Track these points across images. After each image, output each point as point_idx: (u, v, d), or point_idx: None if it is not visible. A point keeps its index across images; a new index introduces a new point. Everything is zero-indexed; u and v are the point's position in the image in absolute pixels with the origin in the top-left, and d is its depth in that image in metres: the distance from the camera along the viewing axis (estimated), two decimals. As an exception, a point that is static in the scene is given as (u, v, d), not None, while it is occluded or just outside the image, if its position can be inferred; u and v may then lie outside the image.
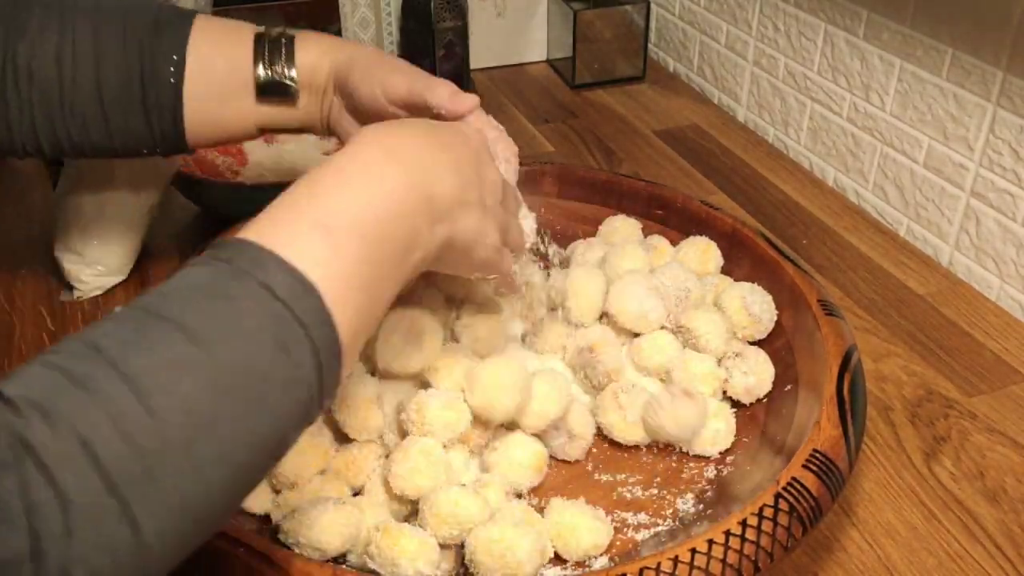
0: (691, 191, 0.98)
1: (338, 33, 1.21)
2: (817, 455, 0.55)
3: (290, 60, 0.64)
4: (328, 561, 0.55)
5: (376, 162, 0.46)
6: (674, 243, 0.80)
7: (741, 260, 0.76)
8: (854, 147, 1.00)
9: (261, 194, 0.76)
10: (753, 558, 0.50)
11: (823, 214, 0.98)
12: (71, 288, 0.84)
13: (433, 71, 1.19)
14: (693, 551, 0.49)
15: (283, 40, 0.64)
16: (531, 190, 0.86)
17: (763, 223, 0.95)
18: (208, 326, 0.37)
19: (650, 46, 1.34)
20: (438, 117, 0.60)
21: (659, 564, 0.49)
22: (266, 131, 0.67)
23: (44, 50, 0.60)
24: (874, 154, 0.97)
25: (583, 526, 0.56)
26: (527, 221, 0.62)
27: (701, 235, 0.78)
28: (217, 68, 0.63)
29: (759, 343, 0.70)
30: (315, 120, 0.67)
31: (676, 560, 0.49)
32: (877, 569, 0.60)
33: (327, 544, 0.54)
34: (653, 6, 1.32)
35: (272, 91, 0.64)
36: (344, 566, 0.55)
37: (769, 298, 0.70)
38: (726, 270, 0.76)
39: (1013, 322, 0.82)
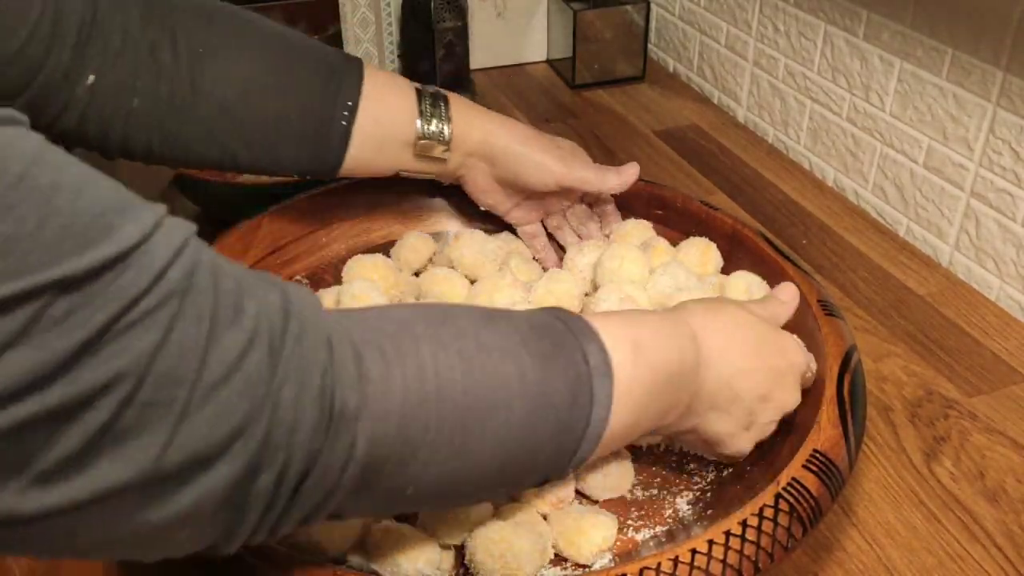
0: (691, 191, 0.98)
1: (338, 33, 1.20)
2: (817, 455, 0.55)
3: (447, 119, 0.70)
4: (328, 561, 0.55)
5: (694, 337, 0.52)
6: (674, 243, 0.80)
7: (741, 260, 0.76)
8: (854, 147, 1.00)
9: (261, 194, 0.77)
10: (753, 558, 0.50)
11: (823, 214, 0.98)
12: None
13: (433, 71, 1.20)
14: (693, 551, 0.49)
15: (440, 99, 0.71)
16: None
17: (763, 223, 0.95)
18: (534, 347, 0.44)
19: (650, 46, 1.34)
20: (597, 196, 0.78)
21: (659, 564, 0.49)
22: (402, 174, 0.73)
23: (233, 75, 0.63)
24: (874, 154, 0.97)
25: (589, 524, 0.56)
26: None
27: (701, 236, 0.78)
28: (384, 119, 0.69)
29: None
30: (449, 174, 0.75)
31: (676, 560, 0.49)
32: (877, 569, 0.60)
33: (327, 544, 0.54)
34: (653, 6, 1.32)
35: (427, 148, 0.71)
36: (344, 566, 0.55)
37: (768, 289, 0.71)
38: (726, 270, 0.76)
39: (1013, 322, 0.82)
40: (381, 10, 1.25)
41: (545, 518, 0.58)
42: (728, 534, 0.50)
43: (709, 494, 0.61)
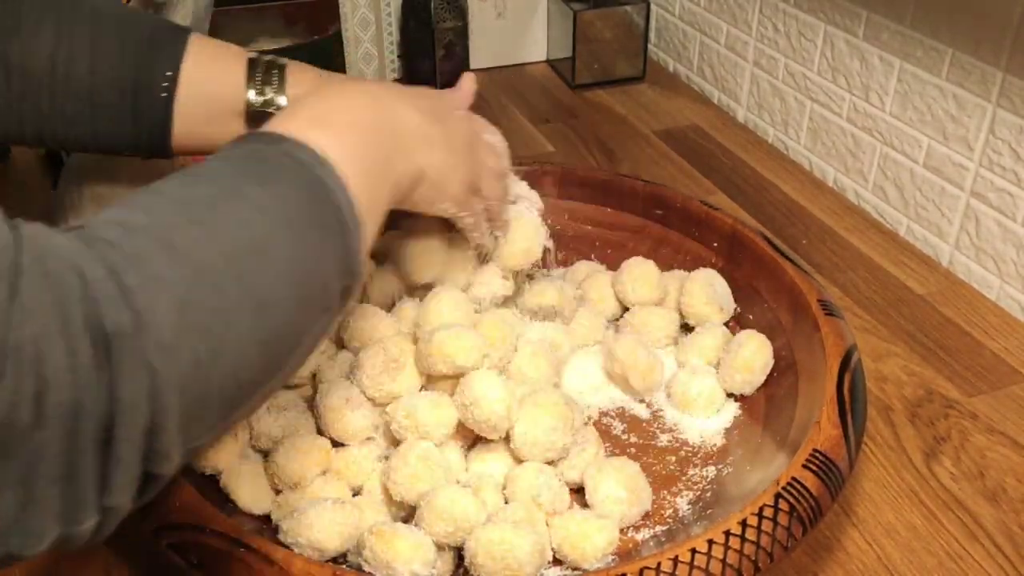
0: (691, 191, 0.98)
1: (338, 33, 1.20)
2: (817, 455, 0.55)
3: (281, 88, 0.66)
4: (328, 561, 0.55)
5: (351, 94, 0.54)
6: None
7: (741, 260, 0.76)
8: (854, 147, 1.00)
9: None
10: (753, 558, 0.50)
11: (823, 214, 0.98)
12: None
13: (433, 71, 1.20)
14: (693, 551, 0.49)
15: (275, 68, 0.66)
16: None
17: (763, 223, 0.95)
18: (252, 173, 0.43)
19: (650, 46, 1.34)
20: None
21: (659, 564, 0.49)
22: None
23: (39, 49, 0.61)
24: (874, 154, 0.97)
25: (592, 528, 0.56)
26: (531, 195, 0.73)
27: (700, 237, 0.79)
28: (209, 88, 0.64)
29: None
30: None
31: (676, 560, 0.49)
32: (877, 569, 0.60)
33: (327, 544, 0.54)
34: (653, 6, 1.32)
35: (261, 117, 0.65)
36: (344, 566, 0.55)
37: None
38: (726, 271, 0.76)
39: (1013, 322, 0.82)
40: (381, 10, 1.25)
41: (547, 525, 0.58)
42: (728, 534, 0.50)
43: (709, 494, 0.61)
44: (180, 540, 0.50)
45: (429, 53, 1.19)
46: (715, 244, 0.78)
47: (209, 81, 0.64)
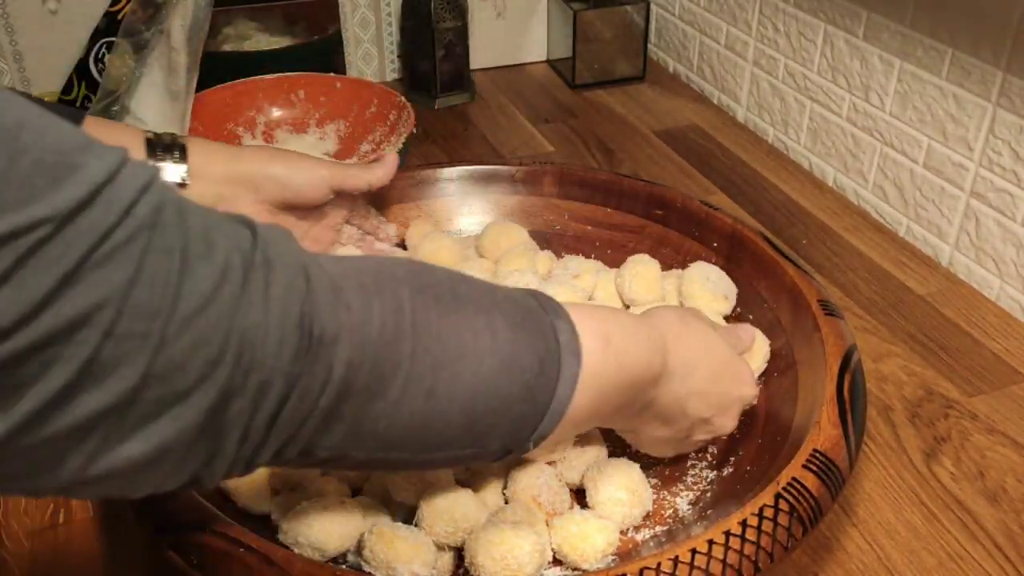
0: (691, 191, 0.98)
1: (338, 33, 1.20)
2: (817, 455, 0.55)
3: (182, 160, 0.67)
4: (328, 561, 0.55)
5: (664, 348, 0.53)
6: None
7: (741, 260, 0.76)
8: (854, 147, 1.00)
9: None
10: (753, 558, 0.50)
11: (823, 214, 0.98)
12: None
13: (433, 71, 1.20)
14: (693, 551, 0.49)
15: (176, 146, 0.67)
16: (531, 190, 0.86)
17: (763, 223, 0.95)
18: (511, 314, 0.45)
19: (650, 46, 1.34)
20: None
21: (659, 564, 0.49)
22: None
23: None
24: (874, 154, 0.97)
25: (592, 529, 0.56)
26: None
27: (700, 237, 0.79)
28: None
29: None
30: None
31: (676, 560, 0.49)
32: (877, 569, 0.60)
33: (326, 544, 0.54)
34: (653, 6, 1.32)
35: None
36: (344, 566, 0.55)
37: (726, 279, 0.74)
38: (726, 271, 0.76)
39: (1013, 322, 0.82)
40: (381, 10, 1.25)
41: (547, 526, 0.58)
42: (728, 534, 0.50)
43: (709, 494, 0.61)
44: (180, 540, 0.50)
45: (429, 53, 1.19)
46: (715, 244, 0.78)
47: None
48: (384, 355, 0.40)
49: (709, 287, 0.73)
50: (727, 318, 0.74)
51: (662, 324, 0.54)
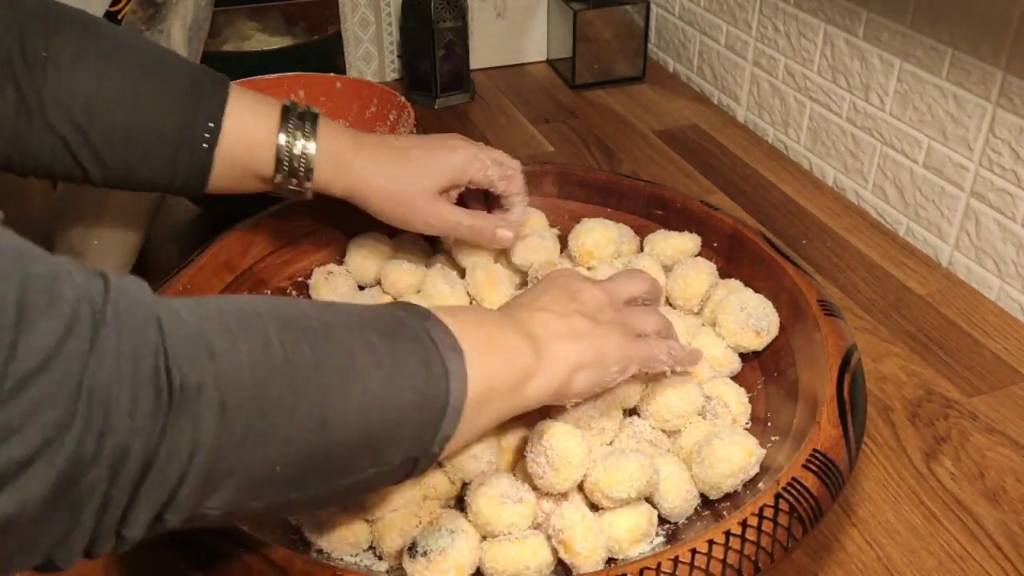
0: (691, 191, 0.98)
1: (338, 33, 1.20)
2: (817, 455, 0.55)
3: (312, 135, 0.67)
4: (328, 561, 0.55)
5: (483, 312, 0.57)
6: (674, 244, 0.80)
7: (741, 260, 0.76)
8: (854, 147, 1.00)
9: (261, 194, 0.76)
10: (753, 558, 0.50)
11: (823, 214, 0.98)
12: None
13: (433, 71, 1.20)
14: (693, 551, 0.49)
15: (308, 117, 0.67)
16: (531, 190, 0.86)
17: (763, 223, 0.95)
18: (384, 329, 0.45)
19: (650, 46, 1.34)
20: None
21: (659, 564, 0.49)
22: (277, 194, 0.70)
23: (76, 87, 0.60)
24: (874, 154, 0.97)
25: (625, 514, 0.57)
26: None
27: (701, 235, 0.79)
28: (246, 138, 0.65)
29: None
30: (325, 190, 0.70)
31: (676, 560, 0.49)
32: (877, 569, 0.60)
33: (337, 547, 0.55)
34: (653, 6, 1.32)
35: (292, 166, 0.67)
36: (343, 563, 0.55)
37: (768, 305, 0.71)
38: (726, 271, 0.76)
39: (1013, 322, 0.82)
40: (381, 10, 1.26)
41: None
42: (728, 534, 0.50)
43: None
44: (180, 540, 0.50)
45: (429, 53, 1.19)
46: (715, 244, 0.78)
47: (247, 131, 0.65)
48: (262, 395, 0.38)
49: (741, 318, 0.69)
50: (757, 354, 0.70)
51: (515, 305, 0.57)
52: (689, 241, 0.77)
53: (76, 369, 0.31)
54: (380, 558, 0.57)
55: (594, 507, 0.57)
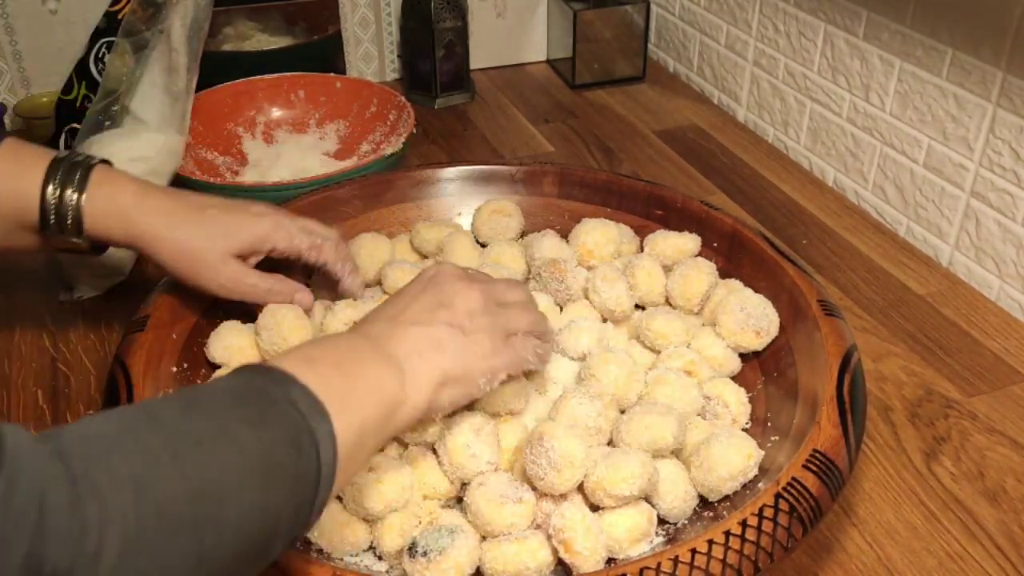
0: (691, 191, 0.98)
1: (338, 33, 1.20)
2: (817, 455, 0.55)
3: (82, 187, 0.63)
4: (327, 562, 0.55)
5: (340, 339, 0.55)
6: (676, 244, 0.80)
7: (741, 260, 0.76)
8: (854, 147, 1.00)
9: (260, 194, 0.77)
10: (753, 558, 0.50)
11: (823, 214, 0.98)
12: (71, 288, 0.84)
13: (433, 71, 1.20)
14: (693, 551, 0.49)
15: (80, 167, 0.64)
16: (531, 190, 0.86)
17: (763, 223, 0.95)
18: (249, 413, 0.43)
19: (650, 46, 1.34)
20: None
21: (659, 564, 0.49)
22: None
23: None
24: (874, 154, 0.97)
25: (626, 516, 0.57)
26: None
27: (701, 237, 0.79)
28: (13, 192, 0.63)
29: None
30: (105, 240, 0.67)
31: (676, 560, 0.49)
32: (877, 569, 0.60)
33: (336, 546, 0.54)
34: (653, 6, 1.32)
35: (57, 219, 0.63)
36: (343, 564, 0.55)
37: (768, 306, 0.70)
38: (726, 271, 0.76)
39: (1013, 322, 0.82)
40: (381, 10, 1.25)
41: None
42: (728, 534, 0.50)
43: (709, 494, 0.61)
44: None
45: (429, 53, 1.19)
46: (715, 244, 0.78)
47: (12, 183, 0.63)
48: (139, 555, 0.36)
49: (741, 318, 0.69)
50: (757, 354, 0.70)
51: (379, 318, 0.56)
52: (689, 241, 0.77)
53: None
54: (380, 558, 0.57)
55: (593, 508, 0.57)
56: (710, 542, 0.50)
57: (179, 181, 0.87)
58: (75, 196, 0.63)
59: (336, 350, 0.51)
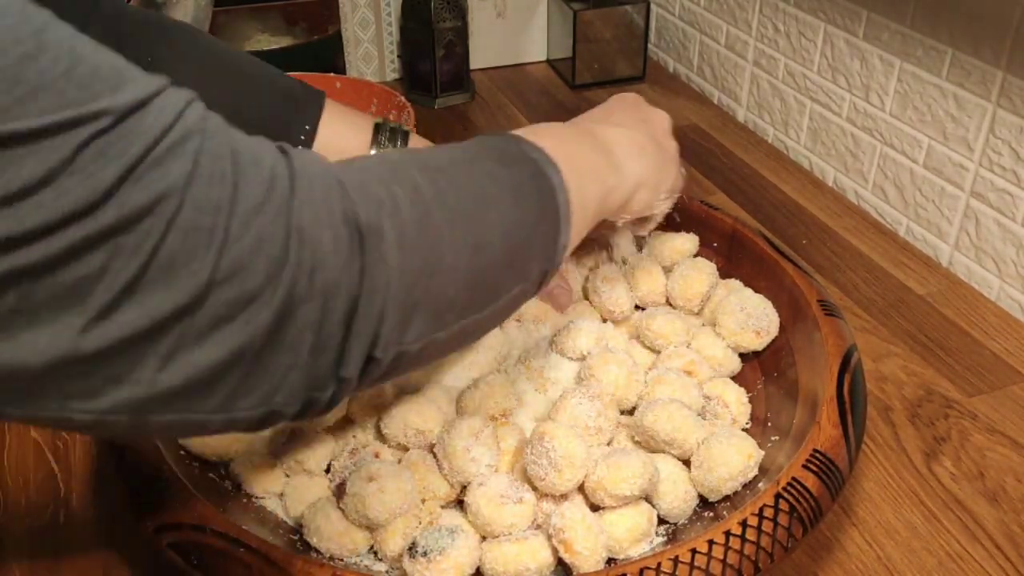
0: (691, 191, 0.98)
1: (338, 33, 1.20)
2: (817, 455, 0.55)
3: (405, 146, 0.69)
4: (328, 562, 0.55)
5: (557, 127, 0.61)
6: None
7: (741, 260, 0.76)
8: (854, 147, 1.00)
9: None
10: (753, 558, 0.50)
11: (823, 214, 0.98)
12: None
13: (433, 71, 1.20)
14: (693, 551, 0.49)
15: (399, 133, 0.71)
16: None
17: (763, 223, 0.95)
18: (492, 155, 0.48)
19: (650, 46, 1.34)
20: None
21: (659, 564, 0.49)
22: None
23: None
24: (874, 154, 0.97)
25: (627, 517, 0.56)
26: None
27: (700, 237, 0.78)
28: (341, 146, 0.69)
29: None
30: None
31: (676, 560, 0.49)
32: (877, 569, 0.60)
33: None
34: (653, 6, 1.32)
35: None
36: (343, 564, 0.55)
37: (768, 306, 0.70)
38: (726, 271, 0.76)
39: (1013, 322, 0.82)
40: (381, 10, 1.25)
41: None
42: (728, 534, 0.50)
43: (709, 494, 0.61)
44: (180, 540, 0.50)
45: (429, 53, 1.19)
46: (715, 244, 0.78)
47: (341, 140, 0.69)
48: (426, 230, 0.41)
49: (741, 318, 0.69)
50: (757, 354, 0.71)
51: (588, 119, 0.64)
52: (688, 241, 0.77)
53: (284, 211, 0.34)
54: (380, 559, 0.57)
55: (593, 507, 0.57)
56: (710, 542, 0.50)
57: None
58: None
59: (559, 130, 0.57)
